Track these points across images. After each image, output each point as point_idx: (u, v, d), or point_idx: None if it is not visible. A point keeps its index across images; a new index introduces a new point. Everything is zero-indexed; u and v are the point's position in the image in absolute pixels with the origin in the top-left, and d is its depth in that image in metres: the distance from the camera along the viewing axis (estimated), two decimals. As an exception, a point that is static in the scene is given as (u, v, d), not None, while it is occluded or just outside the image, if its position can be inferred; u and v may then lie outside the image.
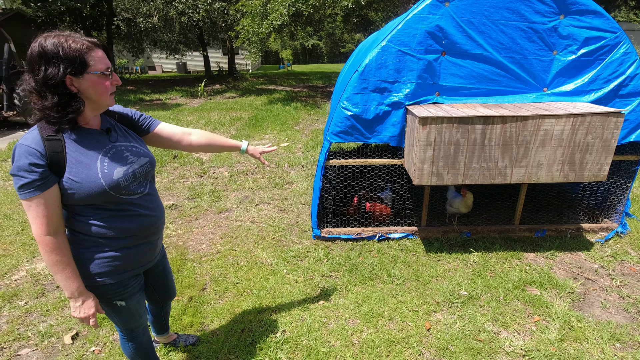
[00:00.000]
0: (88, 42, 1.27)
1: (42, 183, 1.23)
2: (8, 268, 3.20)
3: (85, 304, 1.39)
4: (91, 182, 1.29)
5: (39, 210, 1.25)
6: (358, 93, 2.93)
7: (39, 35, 1.23)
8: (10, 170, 1.24)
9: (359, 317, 2.48)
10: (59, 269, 1.31)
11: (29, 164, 1.20)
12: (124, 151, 1.43)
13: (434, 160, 2.65)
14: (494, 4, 2.69)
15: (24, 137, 1.25)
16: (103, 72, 1.29)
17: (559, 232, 3.37)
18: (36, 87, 1.25)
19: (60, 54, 1.21)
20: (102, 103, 1.35)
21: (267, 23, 9.13)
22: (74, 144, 1.31)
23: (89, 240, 1.38)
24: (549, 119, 2.51)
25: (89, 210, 1.36)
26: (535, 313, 2.47)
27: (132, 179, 1.42)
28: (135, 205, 1.44)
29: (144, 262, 1.58)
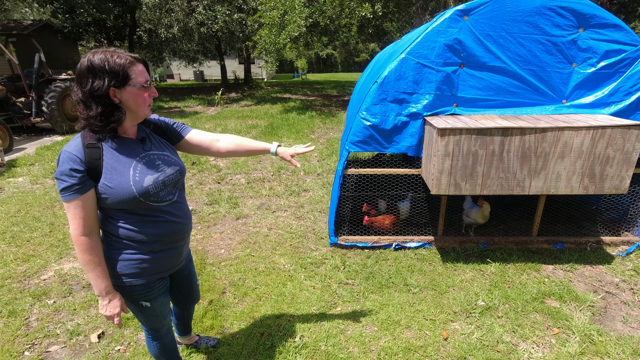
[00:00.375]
0: (131, 57, 1.38)
1: (80, 187, 1.33)
2: (37, 268, 3.34)
3: (112, 303, 1.48)
4: (123, 188, 1.38)
5: (77, 212, 1.35)
6: (377, 104, 3.00)
7: (89, 51, 1.35)
8: (55, 174, 1.36)
9: (376, 325, 2.51)
10: (90, 267, 1.41)
11: (69, 169, 1.31)
12: (155, 160, 1.52)
13: (452, 171, 2.68)
14: (512, 18, 2.74)
15: (68, 144, 1.36)
16: (142, 84, 1.39)
17: (578, 244, 3.33)
18: (83, 98, 1.35)
19: (106, 67, 1.32)
20: (140, 113, 1.45)
21: (285, 34, 9.32)
22: (111, 152, 1.40)
23: (120, 242, 1.47)
24: (569, 131, 2.52)
25: (120, 214, 1.45)
26: (555, 326, 2.45)
27: (162, 186, 1.51)
28: (164, 212, 1.52)
29: (170, 266, 1.66)
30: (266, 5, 10.15)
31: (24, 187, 5.44)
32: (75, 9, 12.08)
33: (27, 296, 2.96)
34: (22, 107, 8.40)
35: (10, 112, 8.16)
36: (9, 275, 3.23)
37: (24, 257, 3.51)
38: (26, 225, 4.17)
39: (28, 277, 3.23)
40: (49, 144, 7.87)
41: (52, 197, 4.95)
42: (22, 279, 3.20)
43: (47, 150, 7.41)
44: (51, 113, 8.31)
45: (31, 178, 5.82)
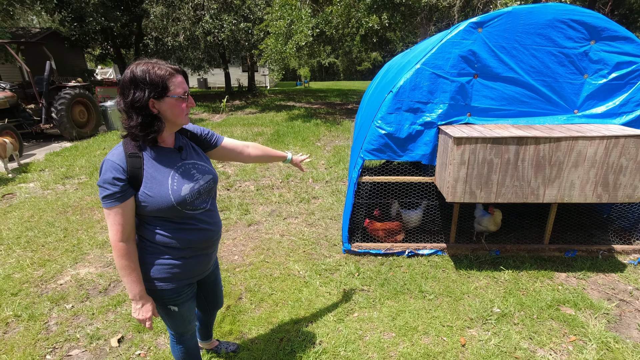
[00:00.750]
0: (171, 68, 1.43)
1: (121, 195, 1.38)
2: (54, 273, 3.37)
3: (145, 307, 1.52)
4: (162, 197, 1.43)
5: (117, 219, 1.39)
6: (392, 113, 3.06)
7: (132, 63, 1.40)
8: (98, 182, 1.40)
9: (394, 331, 2.53)
10: (126, 272, 1.45)
11: (112, 177, 1.35)
12: (191, 169, 1.56)
13: (467, 179, 2.72)
14: (526, 30, 2.81)
15: (111, 153, 1.41)
16: (180, 95, 1.44)
17: (589, 252, 3.36)
18: (125, 109, 1.41)
19: (147, 79, 1.37)
20: (178, 123, 1.50)
21: (292, 43, 9.45)
22: (151, 161, 1.45)
23: (154, 248, 1.52)
24: (582, 140, 2.57)
25: (157, 221, 1.50)
26: (571, 333, 2.47)
27: (197, 195, 1.55)
28: (198, 219, 1.57)
29: (199, 272, 1.70)
30: (273, 15, 10.31)
31: (35, 193, 5.49)
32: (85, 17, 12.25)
33: (45, 300, 2.99)
34: (31, 113, 8.50)
35: (20, 119, 8.25)
36: (26, 280, 3.26)
37: (40, 262, 3.55)
38: (40, 230, 4.21)
39: (45, 281, 3.26)
40: (58, 150, 7.94)
41: (64, 203, 5.00)
42: (39, 283, 3.23)
43: (56, 156, 7.48)
44: (60, 120, 8.40)
45: (42, 184, 5.88)
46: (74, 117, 8.86)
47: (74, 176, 6.26)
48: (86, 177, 6.20)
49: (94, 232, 4.16)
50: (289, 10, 9.97)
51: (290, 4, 10.01)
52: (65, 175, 6.29)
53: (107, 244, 3.89)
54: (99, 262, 3.57)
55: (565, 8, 2.75)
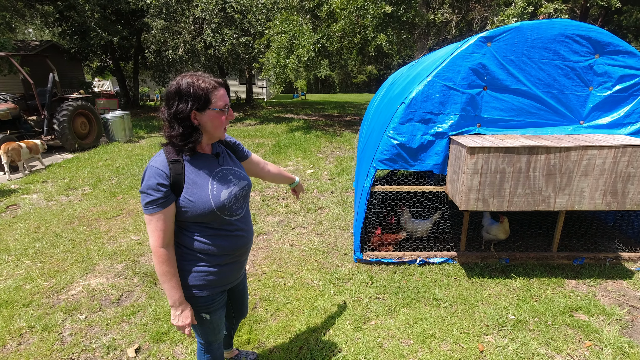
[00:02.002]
0: (214, 82, 1.46)
1: (164, 201, 1.40)
2: (64, 284, 3.35)
3: (184, 313, 1.53)
4: (203, 202, 1.46)
5: (158, 225, 1.41)
6: (404, 123, 3.13)
7: (179, 75, 1.46)
8: (140, 188, 1.43)
9: (412, 338, 2.55)
10: (167, 278, 1.46)
11: (156, 183, 1.38)
12: (228, 174, 1.60)
13: (480, 187, 2.79)
14: (533, 45, 2.92)
15: (154, 160, 1.43)
16: (221, 108, 1.47)
17: (597, 260, 3.42)
18: (168, 118, 1.45)
19: (191, 91, 1.41)
20: (216, 135, 1.53)
21: (293, 57, 9.61)
22: (191, 167, 1.49)
23: (191, 254, 1.54)
24: (591, 149, 2.66)
25: (196, 227, 1.52)
26: (586, 338, 2.51)
27: (234, 200, 1.59)
28: (234, 225, 1.60)
29: (232, 279, 1.72)
30: (274, 29, 10.50)
31: (39, 204, 5.46)
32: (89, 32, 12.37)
33: (58, 311, 2.96)
34: (33, 125, 8.49)
35: (22, 130, 8.24)
36: (37, 291, 3.24)
37: (50, 273, 3.52)
38: (48, 241, 4.18)
39: (56, 292, 3.24)
40: (60, 162, 7.92)
41: (70, 214, 4.98)
42: (50, 294, 3.21)
43: (58, 167, 7.46)
44: (62, 131, 8.40)
45: (45, 195, 5.85)
46: (75, 128, 8.86)
47: (77, 187, 6.24)
48: (90, 188, 6.18)
49: (102, 243, 4.15)
50: (290, 25, 10.16)
51: (291, 19, 10.21)
52: (68, 186, 6.27)
53: (116, 254, 3.88)
54: (110, 272, 3.55)
55: (571, 24, 2.88)
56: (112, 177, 6.79)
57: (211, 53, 13.04)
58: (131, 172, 7.06)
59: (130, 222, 4.73)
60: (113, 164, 7.75)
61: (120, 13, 15.97)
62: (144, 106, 20.84)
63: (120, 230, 4.48)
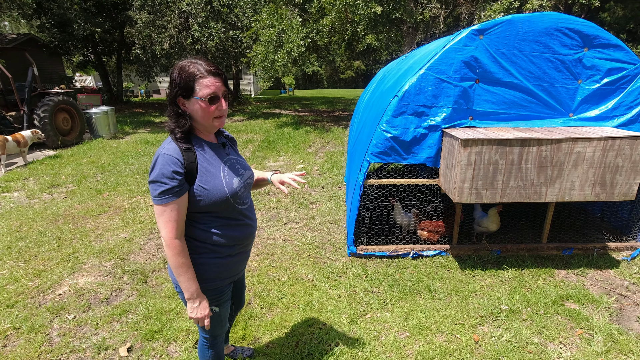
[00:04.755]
0: (204, 69, 1.36)
1: (179, 189, 1.36)
2: (51, 283, 3.25)
3: (202, 305, 1.49)
4: (217, 189, 1.43)
5: (172, 215, 1.37)
6: (397, 116, 3.13)
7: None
8: (152, 177, 1.36)
9: (408, 330, 2.56)
10: (183, 270, 1.42)
11: (172, 171, 1.33)
12: (235, 164, 1.58)
13: (473, 180, 2.80)
14: (524, 38, 2.94)
15: (165, 148, 1.38)
16: (204, 97, 1.36)
17: (585, 250, 3.50)
18: (167, 101, 1.43)
19: (177, 77, 1.37)
20: (205, 124, 1.44)
21: (283, 52, 9.50)
22: (202, 155, 1.45)
23: (202, 247, 1.50)
24: (582, 141, 2.70)
25: (206, 217, 1.48)
26: (577, 326, 2.56)
27: (243, 189, 1.57)
28: (244, 215, 1.58)
29: (240, 270, 1.69)
30: (262, 23, 10.36)
31: (21, 202, 5.28)
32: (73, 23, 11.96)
33: (45, 312, 2.87)
34: (12, 121, 8.20)
35: (0, 126, 7.94)
36: (21, 291, 3.13)
37: (35, 273, 3.41)
38: (32, 240, 4.05)
39: (42, 292, 3.14)
40: (41, 159, 7.68)
41: (54, 212, 4.83)
42: (35, 294, 3.11)
43: (40, 164, 7.23)
44: (43, 127, 8.13)
45: (27, 192, 5.66)
46: (57, 124, 8.60)
47: (60, 185, 6.06)
48: (74, 185, 6.01)
49: (89, 241, 4.04)
50: (278, 18, 10.04)
51: (279, 12, 10.08)
52: (51, 184, 6.08)
53: (104, 252, 3.78)
54: (98, 271, 3.46)
55: (561, 17, 2.90)
56: (97, 174, 6.62)
57: (198, 48, 12.80)
58: (117, 168, 6.89)
59: (117, 219, 4.62)
60: (98, 160, 7.56)
61: (102, 6, 15.52)
62: (128, 102, 20.40)
63: (108, 228, 4.37)
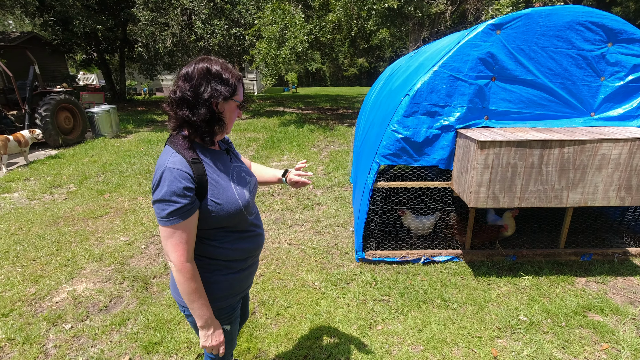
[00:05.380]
0: (239, 73, 1.34)
1: (191, 207, 1.21)
2: (48, 290, 3.13)
3: (216, 332, 1.35)
4: (230, 202, 1.29)
5: (183, 237, 1.21)
6: (409, 116, 2.97)
7: (197, 58, 1.31)
8: (159, 196, 1.18)
9: (421, 344, 2.41)
10: (196, 297, 1.27)
11: (183, 188, 1.17)
12: (241, 171, 1.45)
13: (490, 183, 2.65)
14: (545, 32, 2.77)
15: (170, 160, 1.21)
16: (242, 102, 1.35)
17: (605, 256, 3.34)
18: (193, 101, 1.27)
19: (223, 77, 1.28)
20: (229, 128, 1.37)
21: (286, 49, 9.34)
22: (210, 166, 1.31)
23: (214, 264, 1.36)
24: (607, 143, 2.53)
25: (219, 233, 1.34)
26: (603, 340, 2.41)
27: (251, 198, 1.44)
28: (254, 225, 1.45)
29: (250, 282, 1.57)
30: (265, 20, 10.20)
31: (21, 203, 5.18)
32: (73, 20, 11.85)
33: (41, 320, 2.76)
34: (13, 120, 8.11)
35: (1, 125, 7.86)
36: (18, 298, 3.02)
37: (32, 278, 3.30)
38: (30, 243, 3.94)
39: (39, 299, 3.02)
40: (43, 158, 7.58)
41: (54, 214, 4.72)
42: (32, 301, 2.99)
43: (41, 164, 7.13)
44: (45, 126, 8.03)
45: (28, 193, 5.56)
46: (59, 123, 8.50)
47: (62, 185, 5.96)
48: (75, 186, 5.90)
49: (88, 245, 3.92)
50: (281, 14, 9.88)
51: (282, 8, 9.92)
52: (52, 184, 5.98)
53: (104, 257, 3.66)
54: (97, 276, 3.34)
55: (584, 10, 2.73)
56: (99, 174, 6.51)
57: (201, 45, 12.65)
58: (119, 168, 6.78)
59: (118, 221, 4.50)
60: (100, 160, 7.45)
61: (105, 3, 15.42)
62: (131, 100, 20.30)
63: (108, 231, 4.25)
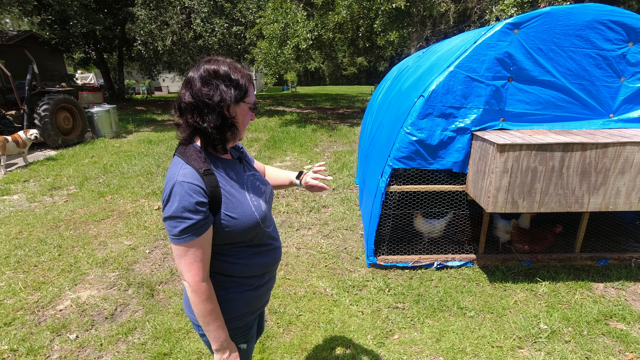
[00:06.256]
0: (248, 73, 1.24)
1: (205, 223, 1.12)
2: (51, 297, 3.04)
3: (232, 355, 1.25)
4: (247, 216, 1.20)
5: (197, 255, 1.12)
6: (423, 118, 2.89)
7: (204, 60, 1.21)
8: (170, 213, 1.09)
9: (441, 354, 2.33)
10: (212, 318, 1.17)
11: (195, 203, 1.08)
12: (255, 180, 1.35)
13: (509, 188, 2.57)
14: (564, 32, 2.69)
15: (180, 173, 1.12)
16: (254, 103, 1.25)
17: (621, 260, 3.27)
18: (199, 105, 1.17)
19: (233, 77, 1.18)
20: (242, 134, 1.27)
21: (288, 47, 9.23)
22: (223, 177, 1.21)
23: (229, 281, 1.27)
24: (630, 146, 2.46)
25: (235, 249, 1.25)
26: (627, 350, 2.34)
27: (268, 209, 1.35)
28: (271, 237, 1.35)
29: (267, 299, 1.47)
30: (266, 18, 10.09)
31: (20, 206, 5.08)
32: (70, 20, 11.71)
33: (45, 330, 2.67)
34: (12, 120, 7.98)
35: (0, 126, 7.73)
36: (20, 307, 2.92)
37: (35, 285, 3.20)
38: (31, 248, 3.84)
39: (42, 307, 2.93)
40: (42, 159, 7.47)
41: (55, 217, 4.62)
42: (35, 309, 2.90)
43: (41, 165, 7.02)
44: (44, 126, 7.92)
45: (28, 195, 5.46)
46: (58, 123, 8.38)
47: (62, 187, 5.85)
48: (76, 187, 5.80)
49: (91, 249, 3.83)
50: (282, 13, 9.77)
51: (284, 7, 9.82)
52: (52, 186, 5.87)
53: (108, 262, 3.57)
54: (101, 283, 3.25)
55: (605, 9, 2.65)
56: (100, 175, 6.41)
57: (201, 44, 12.52)
58: (120, 169, 6.68)
59: (121, 224, 4.40)
60: (100, 161, 7.34)
61: (103, 2, 15.26)
62: (130, 99, 20.16)
63: (111, 235, 4.16)
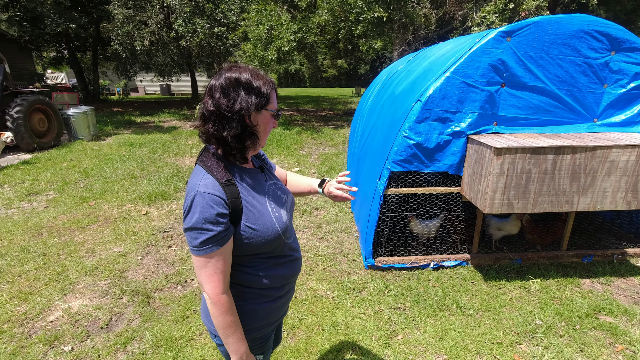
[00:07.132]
0: (270, 80, 1.22)
1: (226, 235, 1.10)
2: (40, 308, 2.91)
3: None
4: (268, 228, 1.19)
5: (218, 266, 1.11)
6: (420, 122, 2.96)
7: (228, 67, 1.18)
8: (190, 224, 1.08)
9: (445, 352, 2.39)
10: (232, 330, 1.16)
11: (216, 214, 1.07)
12: (276, 190, 1.33)
13: (505, 190, 2.67)
14: (553, 40, 2.83)
15: (201, 184, 1.10)
16: (276, 111, 1.23)
17: (604, 257, 3.45)
18: (218, 113, 1.15)
19: (254, 85, 1.16)
20: (264, 142, 1.26)
21: (272, 49, 9.21)
22: (244, 187, 1.20)
23: (249, 292, 1.25)
24: (616, 149, 2.61)
25: (255, 260, 1.23)
26: (617, 342, 2.47)
27: (289, 219, 1.33)
28: (292, 249, 1.34)
29: (286, 310, 1.45)
30: (250, 21, 10.02)
31: (-3, 213, 4.83)
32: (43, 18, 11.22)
33: (37, 343, 2.55)
34: (-18, 122, 7.58)
35: (-31, 129, 7.33)
36: (7, 319, 2.79)
37: (21, 296, 3.06)
38: (13, 257, 3.66)
39: (31, 319, 2.80)
40: (16, 163, 7.12)
41: (35, 224, 4.42)
42: (24, 322, 2.77)
43: (15, 169, 6.69)
44: (17, 129, 7.55)
45: (3, 202, 5.19)
46: (32, 125, 8.02)
47: (40, 192, 5.61)
48: (55, 192, 5.57)
49: (79, 257, 3.69)
50: (267, 15, 9.74)
51: (268, 9, 9.79)
52: (29, 191, 5.61)
53: (98, 270, 3.45)
54: (92, 291, 3.14)
55: (590, 19, 2.81)
56: (80, 179, 6.17)
57: (182, 44, 12.27)
58: (102, 173, 6.46)
59: (108, 231, 4.26)
60: (79, 164, 7.08)
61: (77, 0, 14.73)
62: (105, 100, 19.51)
63: (99, 241, 4.02)
